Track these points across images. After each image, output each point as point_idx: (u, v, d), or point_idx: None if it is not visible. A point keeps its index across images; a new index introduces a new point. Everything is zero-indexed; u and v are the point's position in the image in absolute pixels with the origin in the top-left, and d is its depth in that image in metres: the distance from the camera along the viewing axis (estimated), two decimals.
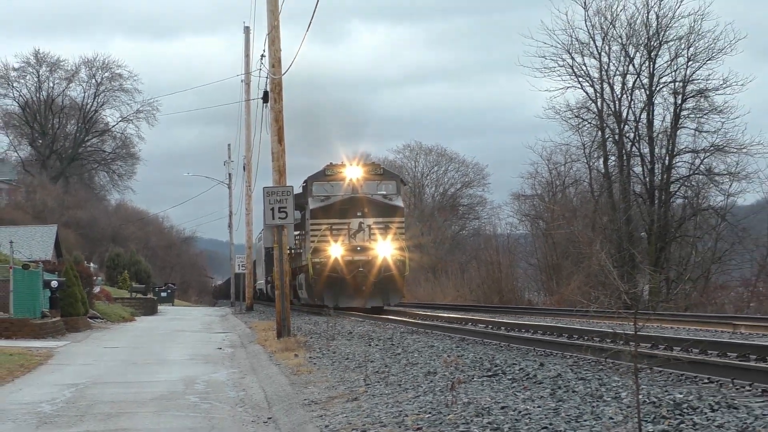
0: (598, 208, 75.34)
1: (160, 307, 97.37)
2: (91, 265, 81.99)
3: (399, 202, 49.82)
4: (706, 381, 18.34)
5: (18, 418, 20.85)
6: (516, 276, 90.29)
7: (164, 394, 24.97)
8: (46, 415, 21.38)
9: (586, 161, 77.77)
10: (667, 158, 71.88)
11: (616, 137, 73.39)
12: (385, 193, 49.33)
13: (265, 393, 24.56)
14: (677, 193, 72.61)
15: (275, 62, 41.92)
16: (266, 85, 45.62)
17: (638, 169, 73.20)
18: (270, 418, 20.37)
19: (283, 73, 41.85)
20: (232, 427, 19.42)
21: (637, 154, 73.03)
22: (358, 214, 46.59)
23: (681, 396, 15.58)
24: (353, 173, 48.77)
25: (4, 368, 30.72)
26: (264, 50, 51.07)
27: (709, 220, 71.75)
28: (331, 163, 50.11)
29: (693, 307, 54.90)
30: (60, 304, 53.89)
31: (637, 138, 72.65)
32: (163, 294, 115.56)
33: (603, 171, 75.42)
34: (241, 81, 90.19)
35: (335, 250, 46.43)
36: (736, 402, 14.97)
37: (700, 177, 71.94)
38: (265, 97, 45.52)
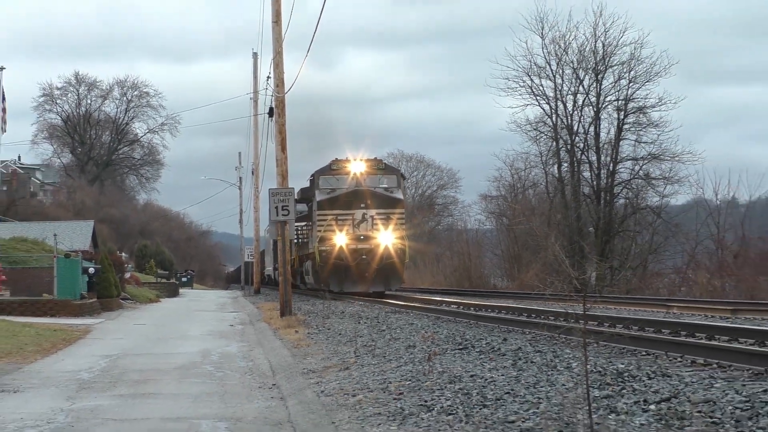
0: (552, 207, 75.62)
1: (181, 291, 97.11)
2: (123, 254, 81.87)
3: (399, 195, 48.81)
4: (644, 354, 18.33)
5: (61, 384, 20.81)
6: (483, 264, 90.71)
7: (185, 364, 24.94)
8: (85, 381, 21.35)
9: (542, 167, 78.35)
10: (611, 165, 72.32)
11: (568, 147, 73.67)
12: (386, 186, 48.35)
13: (270, 363, 24.55)
14: (620, 194, 72.98)
15: (279, 83, 41.99)
16: (271, 102, 45.41)
17: (587, 174, 73.63)
18: (274, 384, 20.36)
19: (285, 92, 41.88)
20: (242, 391, 19.38)
21: (586, 161, 73.42)
22: (362, 205, 45.76)
23: (623, 366, 15.59)
24: (357, 168, 47.82)
25: (48, 342, 30.70)
26: (269, 73, 51.72)
27: (647, 218, 72.18)
28: (336, 158, 49.03)
29: (633, 291, 54.84)
30: (96, 287, 53.88)
31: (586, 148, 72.99)
32: (184, 279, 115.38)
33: (557, 176, 75.73)
34: (250, 99, 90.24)
35: (340, 239, 45.47)
36: (669, 371, 14.96)
37: (639, 181, 72.43)
38: (271, 113, 46.11)
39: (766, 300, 40.14)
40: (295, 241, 56.67)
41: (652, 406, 11.98)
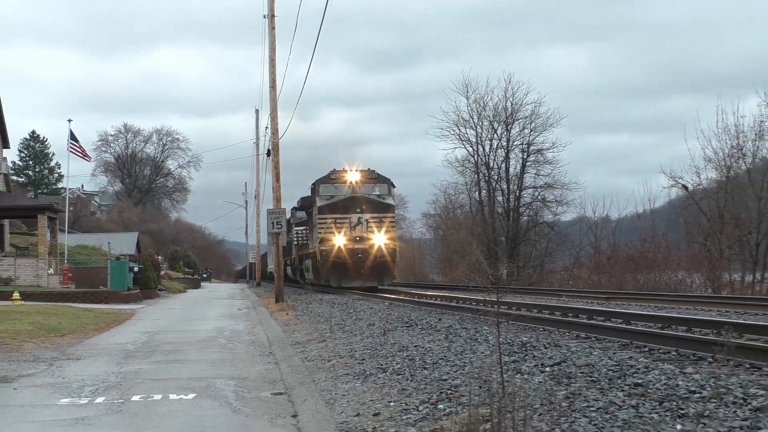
0: (474, 222, 75.61)
1: (202, 284, 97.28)
2: (159, 257, 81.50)
3: (390, 201, 46.15)
4: (542, 330, 18.35)
5: (112, 353, 20.75)
6: (424, 264, 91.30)
7: (204, 338, 24.89)
8: (130, 351, 21.27)
9: (467, 193, 78.38)
10: (517, 191, 72.45)
11: (486, 179, 73.70)
12: (379, 193, 45.21)
13: (267, 337, 24.52)
14: (524, 213, 73.10)
15: (274, 131, 41.98)
16: (269, 145, 45.47)
17: (500, 198, 73.64)
18: (270, 353, 20.32)
19: (279, 138, 41.85)
20: (247, 358, 19.34)
21: (499, 189, 73.54)
22: (358, 210, 42.94)
23: (526, 339, 15.58)
24: (353, 177, 44.86)
25: (103, 322, 30.62)
26: (267, 124, 51.48)
27: (543, 230, 72.39)
28: (334, 168, 46.06)
29: (533, 284, 54.84)
30: (139, 281, 53.84)
31: (499, 179, 73.08)
32: (204, 275, 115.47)
33: (478, 199, 75.65)
34: (253, 143, 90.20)
35: (339, 240, 42.66)
36: (559, 343, 14.97)
37: (538, 203, 72.72)
38: (269, 153, 46.25)
39: (631, 290, 40.43)
40: (296, 242, 55.60)
41: (547, 368, 12.00)
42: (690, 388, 9.76)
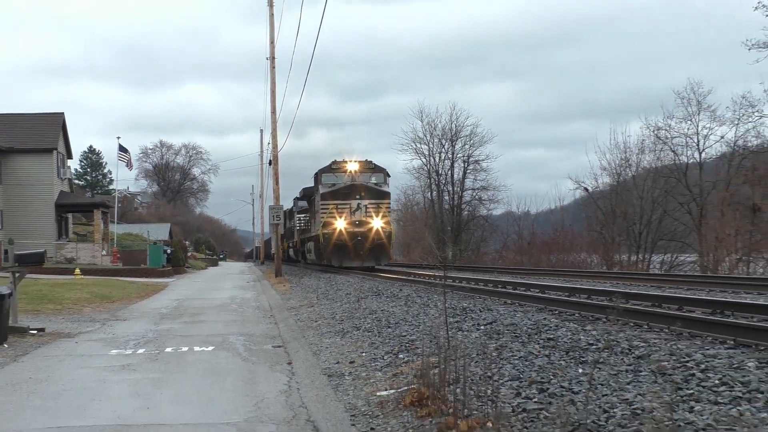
0: (427, 216, 75.32)
1: (219, 263, 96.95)
2: (186, 242, 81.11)
3: (387, 189, 41.36)
4: (479, 298, 18.31)
5: (150, 315, 20.68)
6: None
7: (220, 304, 24.79)
8: (163, 314, 21.18)
9: (422, 194, 78.13)
10: (460, 192, 72.49)
11: (436, 183, 73.69)
12: (376, 181, 40.19)
13: (269, 303, 24.44)
14: (465, 209, 73.05)
15: (275, 146, 41.97)
16: (270, 156, 45.07)
17: (447, 198, 73.42)
18: (271, 315, 20.28)
19: (279, 150, 41.88)
20: (253, 319, 19.28)
21: (446, 190, 73.36)
22: (357, 197, 38.04)
23: (466, 305, 15.58)
24: (352, 166, 39.97)
25: (144, 292, 30.50)
26: (269, 140, 51.07)
27: (479, 222, 72.47)
28: (335, 159, 41.38)
29: (472, 263, 54.89)
30: (171, 261, 53.64)
31: (446, 183, 72.88)
32: (221, 256, 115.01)
33: (430, 198, 75.51)
34: (258, 155, 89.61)
35: (340, 224, 37.81)
36: (491, 308, 14.98)
37: (476, 201, 72.69)
38: (270, 163, 45.49)
39: (546, 268, 40.58)
40: (297, 228, 52.03)
41: (482, 327, 12.02)
42: (589, 341, 9.82)
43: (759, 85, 62.06)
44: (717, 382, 6.97)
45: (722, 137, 46.33)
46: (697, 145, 47.42)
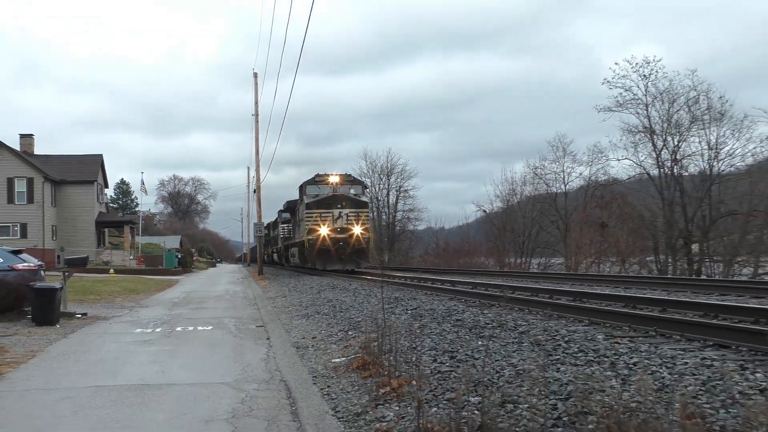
0: (373, 231, 75.55)
1: (217, 265, 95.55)
2: (193, 249, 80.00)
3: (365, 199, 35.97)
4: (407, 290, 18.30)
5: (165, 303, 20.31)
6: None
7: (217, 295, 24.44)
8: (175, 302, 20.84)
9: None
10: (394, 213, 72.40)
11: (377, 206, 73.38)
12: (355, 192, 34.72)
13: (253, 294, 24.14)
14: (397, 225, 73.02)
15: (258, 179, 41.73)
16: (254, 185, 44.68)
17: (384, 217, 73.20)
18: (255, 303, 20.02)
19: (261, 182, 41.60)
20: (241, 306, 19.04)
21: (384, 212, 73.29)
22: (339, 206, 32.80)
23: (398, 295, 15.57)
24: (334, 179, 34.50)
25: (160, 286, 29.98)
26: (253, 174, 50.52)
27: (408, 235, 72.46)
28: (318, 173, 35.56)
29: (403, 265, 54.91)
30: (181, 263, 52.85)
31: (384, 206, 72.80)
32: (218, 260, 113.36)
33: (372, 218, 75.55)
34: (246, 185, 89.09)
35: (323, 230, 32.43)
36: (416, 297, 15.01)
37: (405, 220, 72.59)
38: (255, 191, 45.06)
39: (456, 268, 40.65)
40: (281, 236, 45.69)
41: (409, 311, 12.02)
42: (486, 321, 9.87)
43: (605, 137, 63.43)
44: (576, 349, 7.06)
45: (580, 174, 47.25)
46: (563, 179, 48.16)
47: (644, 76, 37.70)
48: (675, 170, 36.80)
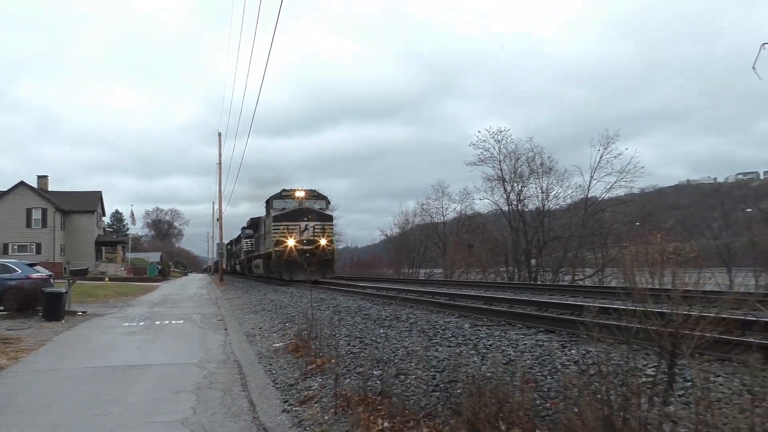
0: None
1: (189, 274, 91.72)
2: (170, 263, 76.54)
3: (330, 213, 29.08)
4: (329, 292, 18.05)
5: (147, 303, 19.35)
6: None
7: (188, 296, 23.44)
8: (155, 302, 19.88)
9: None
10: None
11: None
12: (320, 207, 27.67)
13: (216, 296, 23.24)
14: None
15: (220, 210, 40.49)
16: (218, 215, 43.24)
17: None
18: (216, 302, 19.30)
19: (222, 212, 40.41)
20: (206, 305, 18.30)
21: None
22: (305, 219, 26.03)
23: (323, 296, 15.40)
24: (300, 193, 27.60)
25: (144, 290, 28.55)
26: (217, 207, 48.80)
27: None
28: (284, 188, 28.71)
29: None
30: (161, 273, 50.49)
31: None
32: (189, 270, 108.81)
33: None
34: (211, 215, 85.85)
35: (291, 242, 25.48)
36: (336, 298, 14.86)
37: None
38: (218, 220, 43.58)
39: (367, 276, 40.26)
40: (244, 249, 38.69)
41: (331, 308, 11.89)
42: (386, 314, 9.88)
43: (471, 183, 65.26)
44: (450, 335, 7.14)
45: (454, 209, 47.68)
46: (442, 213, 48.79)
47: (498, 140, 38.52)
48: (519, 207, 37.94)
